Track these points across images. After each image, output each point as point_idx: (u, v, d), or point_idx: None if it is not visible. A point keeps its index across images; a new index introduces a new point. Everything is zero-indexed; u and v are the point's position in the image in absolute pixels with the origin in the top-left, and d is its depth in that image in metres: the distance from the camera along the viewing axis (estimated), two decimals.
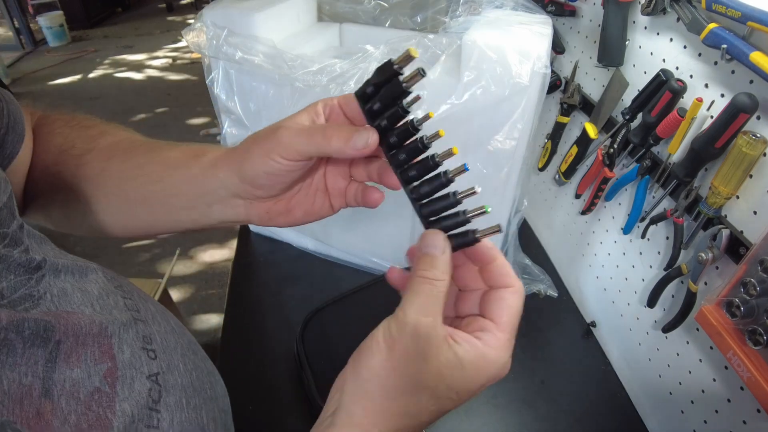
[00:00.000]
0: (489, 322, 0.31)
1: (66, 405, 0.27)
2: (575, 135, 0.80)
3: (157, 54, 4.45)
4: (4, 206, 0.30)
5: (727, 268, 0.51)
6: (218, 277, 2.01)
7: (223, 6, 0.70)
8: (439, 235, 0.32)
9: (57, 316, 0.30)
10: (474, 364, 0.29)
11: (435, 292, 0.30)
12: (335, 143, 0.32)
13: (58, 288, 0.32)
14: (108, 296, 0.36)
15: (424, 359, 0.29)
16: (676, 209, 0.56)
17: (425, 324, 0.29)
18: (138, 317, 0.37)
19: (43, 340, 0.28)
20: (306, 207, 0.40)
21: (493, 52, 0.57)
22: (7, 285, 0.29)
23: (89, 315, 0.32)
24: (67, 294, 0.32)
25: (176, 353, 0.38)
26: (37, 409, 0.26)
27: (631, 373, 0.71)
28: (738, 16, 0.44)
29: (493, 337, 0.31)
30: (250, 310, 0.83)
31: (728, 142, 0.49)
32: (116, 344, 0.33)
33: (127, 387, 0.31)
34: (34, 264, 0.31)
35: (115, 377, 0.31)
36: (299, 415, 0.67)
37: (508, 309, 0.32)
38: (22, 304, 0.29)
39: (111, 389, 0.30)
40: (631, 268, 0.69)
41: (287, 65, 0.64)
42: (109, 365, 0.31)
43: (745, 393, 0.49)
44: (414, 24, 0.83)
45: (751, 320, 0.45)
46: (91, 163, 0.42)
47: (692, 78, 0.55)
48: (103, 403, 0.29)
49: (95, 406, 0.29)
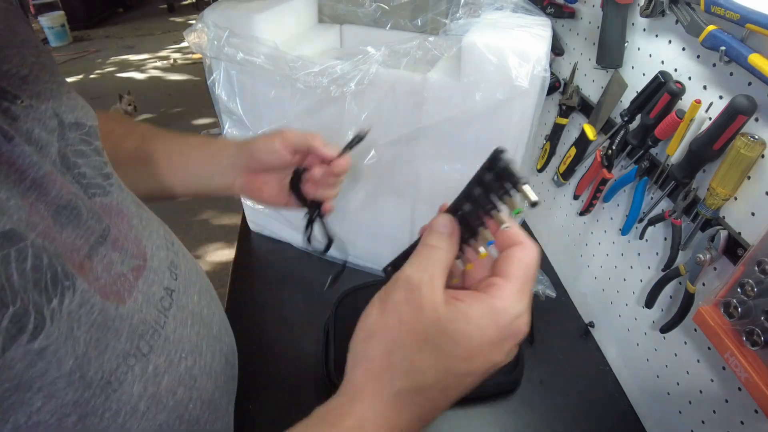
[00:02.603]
0: (497, 278, 0.30)
1: (100, 271, 0.33)
2: (574, 136, 0.80)
3: (159, 54, 4.46)
4: (92, 127, 0.38)
5: (725, 269, 0.51)
6: (218, 277, 2.01)
7: (224, 7, 0.70)
8: (447, 217, 0.33)
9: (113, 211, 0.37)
10: (481, 316, 0.28)
11: (435, 256, 0.30)
12: (318, 142, 0.51)
13: (122, 196, 0.39)
14: (153, 222, 0.43)
15: (419, 309, 0.28)
16: (675, 210, 0.56)
17: (418, 277, 0.29)
18: (171, 248, 0.44)
19: (98, 220, 0.34)
20: (272, 193, 0.56)
21: (492, 54, 0.57)
22: (89, 172, 0.35)
23: (135, 225, 0.39)
24: (127, 203, 0.40)
25: (194, 287, 0.44)
26: (81, 262, 0.31)
27: (629, 374, 0.71)
28: (737, 19, 0.45)
29: (500, 288, 0.29)
30: (250, 309, 0.84)
31: (726, 143, 0.49)
32: (149, 255, 0.39)
33: (147, 285, 0.37)
34: (105, 172, 0.38)
35: (139, 274, 0.37)
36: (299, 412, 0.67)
37: (517, 262, 0.31)
38: (95, 189, 0.36)
39: (134, 280, 0.36)
40: (629, 269, 0.70)
41: (288, 66, 0.64)
42: (140, 263, 0.37)
43: (743, 393, 0.49)
44: (414, 26, 0.83)
45: (748, 321, 0.45)
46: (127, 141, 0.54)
47: (691, 80, 0.55)
48: (125, 285, 0.35)
49: (119, 284, 0.34)
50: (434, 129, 0.65)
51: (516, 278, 0.30)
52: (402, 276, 0.30)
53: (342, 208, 0.81)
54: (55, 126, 0.34)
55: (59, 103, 0.35)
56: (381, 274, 0.41)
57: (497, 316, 0.28)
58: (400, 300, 0.29)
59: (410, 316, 0.28)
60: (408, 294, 0.29)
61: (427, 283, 0.29)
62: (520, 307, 0.29)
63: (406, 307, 0.29)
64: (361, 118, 0.67)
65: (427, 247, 0.31)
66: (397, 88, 0.64)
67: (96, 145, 0.38)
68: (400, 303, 0.29)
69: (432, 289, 0.29)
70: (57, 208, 0.30)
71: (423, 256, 0.31)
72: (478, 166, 0.32)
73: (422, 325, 0.28)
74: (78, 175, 0.34)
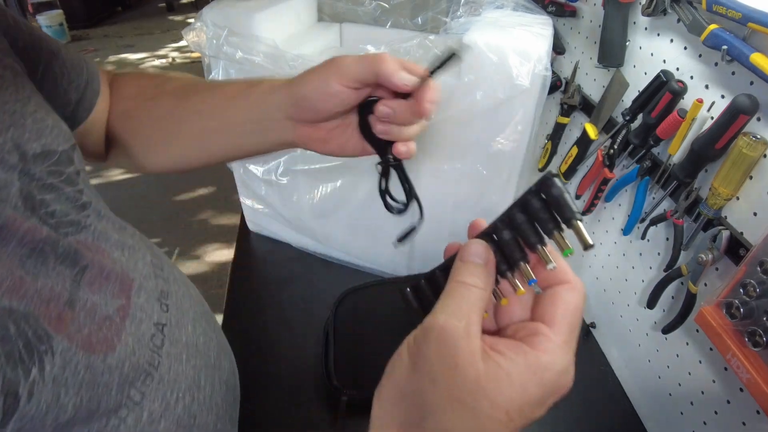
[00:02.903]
0: (540, 324, 0.27)
1: (83, 319, 0.30)
2: (575, 136, 0.80)
3: (158, 53, 4.45)
4: (65, 152, 0.35)
5: (726, 269, 0.51)
6: (218, 276, 2.01)
7: (223, 5, 0.70)
8: (481, 244, 0.29)
9: (89, 248, 0.34)
10: (525, 374, 0.25)
11: (471, 298, 0.27)
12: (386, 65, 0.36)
13: (101, 226, 0.36)
14: (138, 250, 0.40)
15: (455, 367, 0.25)
16: (676, 210, 0.56)
17: (453, 327, 0.25)
18: (160, 275, 0.41)
19: (72, 262, 0.31)
20: (340, 141, 0.43)
21: (493, 53, 0.57)
22: (60, 209, 0.33)
23: (116, 258, 0.36)
24: (107, 233, 0.37)
25: (188, 316, 0.42)
26: (60, 313, 0.29)
27: (630, 374, 0.71)
28: (738, 18, 0.44)
29: (545, 339, 0.26)
30: (249, 310, 0.83)
31: (728, 143, 0.49)
32: (135, 289, 0.36)
33: (135, 325, 0.35)
34: (81, 203, 0.35)
35: (126, 314, 0.34)
36: (299, 412, 0.67)
37: (563, 306, 0.27)
38: (66, 228, 0.33)
39: (121, 321, 0.34)
40: (630, 269, 0.69)
41: (288, 65, 0.64)
42: (123, 303, 0.35)
43: (745, 394, 0.49)
44: (415, 25, 0.83)
45: (750, 321, 0.45)
46: (161, 104, 0.49)
47: (692, 79, 0.55)
48: (112, 329, 0.33)
49: (105, 330, 0.32)
50: (434, 128, 0.65)
51: (563, 326, 0.27)
52: (434, 325, 0.26)
53: (342, 208, 0.81)
54: (15, 161, 0.30)
55: (21, 130, 0.31)
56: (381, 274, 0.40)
57: (543, 374, 0.25)
58: (433, 356, 0.25)
59: (445, 375, 0.25)
60: (442, 349, 0.25)
61: (463, 334, 0.25)
62: (567, 361, 0.26)
63: (441, 366, 0.25)
64: None
65: (460, 286, 0.27)
66: None
67: (68, 173, 0.35)
68: (433, 360, 0.25)
69: (469, 342, 0.25)
70: (22, 258, 0.28)
71: (457, 298, 0.27)
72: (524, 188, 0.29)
73: (458, 386, 0.25)
74: (46, 215, 0.31)
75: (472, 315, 0.26)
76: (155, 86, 0.51)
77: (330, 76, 0.38)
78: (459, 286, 0.27)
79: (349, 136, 0.43)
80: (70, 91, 0.45)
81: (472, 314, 0.26)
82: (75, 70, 0.45)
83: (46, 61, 0.42)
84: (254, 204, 0.92)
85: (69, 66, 0.44)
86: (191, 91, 0.48)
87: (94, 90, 0.47)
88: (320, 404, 0.67)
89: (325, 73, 0.39)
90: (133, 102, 0.50)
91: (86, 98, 0.46)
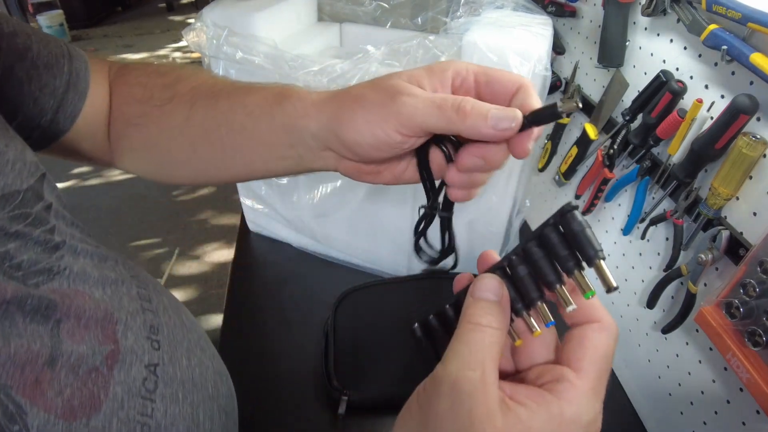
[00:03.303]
0: (565, 369, 0.24)
1: (65, 377, 0.27)
2: (575, 136, 0.80)
3: (158, 53, 4.45)
4: (30, 188, 0.31)
5: (726, 269, 0.51)
6: (218, 276, 2.01)
7: (223, 6, 0.70)
8: (494, 279, 0.27)
9: (64, 295, 0.30)
10: (547, 427, 0.22)
11: (486, 341, 0.24)
12: (471, 121, 0.27)
13: (78, 266, 0.32)
14: (122, 283, 0.36)
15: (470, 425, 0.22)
16: (676, 210, 0.56)
17: (469, 378, 0.23)
18: (148, 307, 0.37)
19: (43, 317, 0.28)
20: (396, 172, 0.36)
21: (493, 53, 0.57)
22: (27, 258, 0.29)
23: (98, 298, 0.32)
24: (85, 272, 0.33)
25: (181, 347, 0.38)
26: (37, 376, 0.26)
27: (630, 374, 0.71)
28: (738, 18, 0.44)
29: (571, 387, 0.23)
30: (249, 310, 0.83)
31: (728, 143, 0.49)
32: (120, 330, 0.33)
33: (124, 372, 0.31)
34: (52, 244, 0.31)
35: (115, 360, 0.31)
36: (299, 413, 0.67)
37: (592, 349, 0.24)
38: (36, 278, 0.29)
39: (108, 371, 0.30)
40: (630, 269, 0.69)
41: (288, 65, 0.64)
42: (112, 348, 0.31)
43: (745, 394, 0.49)
44: (414, 25, 0.83)
45: (750, 321, 0.45)
46: (173, 113, 0.41)
47: (692, 79, 0.55)
48: (98, 382, 0.29)
49: (91, 384, 0.29)
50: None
51: (592, 372, 0.24)
52: (446, 378, 0.23)
53: (342, 208, 0.81)
54: None
55: None
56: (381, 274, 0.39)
57: (567, 427, 0.23)
58: (446, 412, 0.23)
59: None
60: (456, 405, 0.22)
61: (479, 386, 0.22)
62: (594, 411, 0.23)
63: (455, 424, 0.22)
64: None
65: (473, 328, 0.24)
66: None
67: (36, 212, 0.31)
68: (446, 416, 0.23)
69: (485, 394, 0.22)
70: None
71: (470, 343, 0.24)
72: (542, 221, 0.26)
73: None
74: (11, 269, 0.28)
75: (487, 362, 0.23)
76: (165, 87, 0.43)
77: (389, 125, 0.30)
78: (472, 329, 0.25)
79: (407, 163, 0.36)
80: (42, 98, 0.38)
81: (488, 361, 0.24)
82: (49, 71, 0.38)
83: (6, 66, 0.36)
84: (254, 204, 0.92)
85: (42, 67, 0.38)
86: (209, 97, 0.41)
87: (80, 92, 0.41)
88: (320, 404, 0.67)
89: (383, 118, 0.30)
90: (140, 107, 0.43)
91: (67, 103, 0.40)
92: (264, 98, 0.38)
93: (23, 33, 0.37)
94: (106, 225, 2.30)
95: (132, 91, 0.44)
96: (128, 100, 0.44)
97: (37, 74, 0.37)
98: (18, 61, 0.36)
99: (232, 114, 0.39)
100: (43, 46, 0.38)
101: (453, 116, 0.28)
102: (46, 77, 0.38)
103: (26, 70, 0.37)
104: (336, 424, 0.64)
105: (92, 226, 2.23)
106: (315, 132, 0.34)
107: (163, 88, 0.43)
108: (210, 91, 0.41)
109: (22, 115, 0.36)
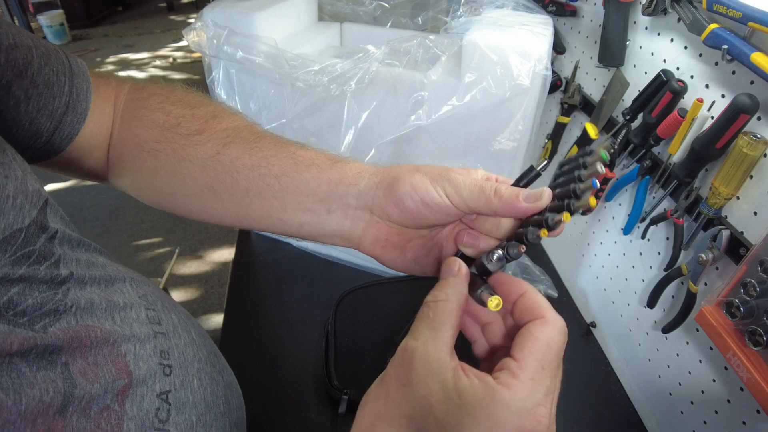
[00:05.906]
0: (509, 359, 0.26)
1: (76, 422, 0.27)
2: (576, 135, 0.80)
3: (158, 53, 4.45)
4: (33, 222, 0.29)
5: (727, 268, 0.51)
6: (218, 276, 2.01)
7: (223, 5, 0.70)
8: (453, 261, 0.31)
9: (75, 332, 0.29)
10: (479, 404, 0.24)
11: (430, 315, 0.28)
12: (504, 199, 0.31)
13: (85, 299, 0.31)
14: (131, 308, 0.35)
15: (406, 383, 0.26)
16: (677, 210, 0.56)
17: (410, 347, 0.27)
18: (158, 330, 0.36)
19: (49, 363, 0.27)
20: (418, 255, 0.37)
21: (493, 53, 0.57)
22: (32, 302, 0.28)
23: (109, 330, 0.32)
24: (93, 305, 0.32)
25: (193, 367, 0.37)
26: (49, 426, 0.25)
27: (630, 374, 0.71)
28: (739, 17, 0.44)
29: (510, 374, 0.25)
30: (250, 309, 0.83)
31: (729, 142, 0.49)
32: (132, 360, 0.32)
33: (136, 405, 0.31)
34: (59, 279, 0.30)
35: (126, 395, 0.30)
36: (300, 412, 0.67)
37: (533, 342, 0.26)
38: (42, 320, 0.28)
39: (120, 407, 0.30)
40: (631, 269, 0.69)
41: (288, 65, 0.64)
42: (125, 383, 0.31)
43: (745, 394, 0.49)
44: (415, 24, 0.83)
45: (750, 321, 0.45)
46: (201, 145, 0.40)
47: (693, 78, 0.55)
48: (111, 421, 0.29)
49: (104, 424, 0.28)
50: (435, 128, 0.65)
51: (531, 363, 0.25)
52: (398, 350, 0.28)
53: None
54: None
55: None
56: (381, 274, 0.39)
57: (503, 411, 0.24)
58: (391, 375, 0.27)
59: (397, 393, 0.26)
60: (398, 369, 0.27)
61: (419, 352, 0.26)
62: (533, 400, 0.25)
63: (395, 383, 0.27)
64: (362, 117, 0.66)
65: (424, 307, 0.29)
66: (397, 86, 0.64)
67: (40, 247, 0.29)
68: (390, 380, 0.27)
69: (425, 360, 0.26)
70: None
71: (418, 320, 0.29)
72: None
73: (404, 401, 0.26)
74: (15, 317, 0.27)
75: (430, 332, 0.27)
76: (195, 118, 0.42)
77: (443, 188, 0.33)
78: (422, 308, 0.29)
79: (430, 251, 0.37)
80: (39, 119, 0.36)
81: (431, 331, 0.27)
82: (49, 91, 0.36)
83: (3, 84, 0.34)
84: None
85: (42, 85, 0.36)
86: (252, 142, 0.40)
87: (79, 113, 0.39)
88: (321, 404, 0.67)
89: (439, 181, 0.33)
90: (161, 133, 0.41)
91: (65, 125, 0.38)
92: (318, 155, 0.39)
93: (24, 46, 0.35)
94: (106, 225, 2.30)
95: (153, 117, 0.42)
96: (147, 123, 0.42)
97: (37, 93, 0.36)
98: (17, 78, 0.34)
99: (276, 159, 0.39)
100: (45, 61, 0.36)
101: (490, 196, 0.32)
102: (45, 97, 0.36)
103: (25, 89, 0.35)
104: (336, 423, 0.64)
105: (93, 226, 2.24)
106: (363, 189, 0.36)
107: (192, 119, 0.42)
108: (255, 136, 0.41)
109: (16, 135, 0.35)
